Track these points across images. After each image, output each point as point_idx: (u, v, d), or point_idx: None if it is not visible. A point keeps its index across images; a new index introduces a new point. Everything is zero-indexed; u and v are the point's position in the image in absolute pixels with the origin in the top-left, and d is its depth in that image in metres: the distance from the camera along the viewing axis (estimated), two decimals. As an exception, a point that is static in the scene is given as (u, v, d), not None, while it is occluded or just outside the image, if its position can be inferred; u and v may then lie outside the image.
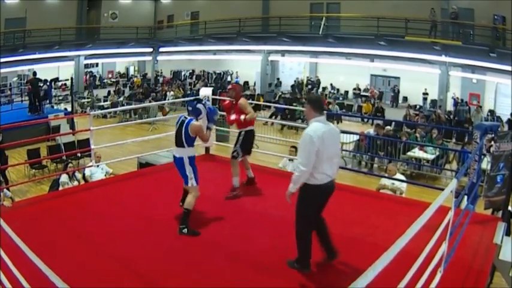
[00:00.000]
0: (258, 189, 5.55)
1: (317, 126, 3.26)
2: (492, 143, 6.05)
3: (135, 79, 25.99)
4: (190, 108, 4.38)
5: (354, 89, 20.80)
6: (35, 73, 15.17)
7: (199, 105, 4.40)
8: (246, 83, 23.83)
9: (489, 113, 16.63)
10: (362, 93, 20.47)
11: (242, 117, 5.12)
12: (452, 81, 17.60)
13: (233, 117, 5.18)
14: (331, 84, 21.69)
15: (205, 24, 22.61)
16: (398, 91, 20.35)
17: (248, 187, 5.42)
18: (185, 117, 4.38)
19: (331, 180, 3.38)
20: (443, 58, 16.58)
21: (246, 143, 5.24)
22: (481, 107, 17.00)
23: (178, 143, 4.34)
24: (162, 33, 25.79)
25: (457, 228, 3.47)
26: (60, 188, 6.77)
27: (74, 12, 23.07)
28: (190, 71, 26.92)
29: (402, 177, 6.65)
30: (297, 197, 3.40)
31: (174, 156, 4.41)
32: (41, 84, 15.10)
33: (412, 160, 10.51)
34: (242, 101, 5.19)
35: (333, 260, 3.58)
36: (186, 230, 4.17)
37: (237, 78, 24.84)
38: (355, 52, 18.79)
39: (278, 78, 22.44)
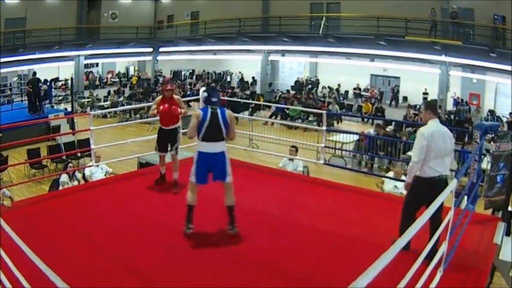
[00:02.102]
0: (258, 189, 5.56)
1: (430, 125, 3.67)
2: (492, 143, 6.04)
3: (132, 78, 25.98)
4: (215, 100, 4.04)
5: (354, 88, 20.76)
6: (34, 73, 15.17)
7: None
8: (246, 82, 23.81)
9: (489, 113, 16.62)
10: (362, 93, 20.42)
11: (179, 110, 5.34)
12: (453, 81, 17.56)
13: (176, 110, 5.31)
14: (328, 86, 21.63)
15: (205, 24, 22.57)
16: (398, 91, 20.31)
17: (246, 186, 5.41)
18: (212, 108, 4.02)
19: (439, 175, 3.62)
20: (443, 58, 16.53)
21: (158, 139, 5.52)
22: (480, 107, 17.01)
23: (218, 137, 4.02)
24: (162, 33, 25.74)
25: (457, 228, 3.47)
26: (60, 188, 6.76)
27: (74, 12, 23.02)
28: (191, 71, 26.91)
29: (403, 178, 6.64)
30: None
31: (212, 153, 4.01)
32: (41, 84, 15.10)
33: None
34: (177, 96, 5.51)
35: None
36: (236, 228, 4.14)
37: (238, 80, 24.79)
38: (355, 52, 18.72)
39: (253, 77, 22.37)
